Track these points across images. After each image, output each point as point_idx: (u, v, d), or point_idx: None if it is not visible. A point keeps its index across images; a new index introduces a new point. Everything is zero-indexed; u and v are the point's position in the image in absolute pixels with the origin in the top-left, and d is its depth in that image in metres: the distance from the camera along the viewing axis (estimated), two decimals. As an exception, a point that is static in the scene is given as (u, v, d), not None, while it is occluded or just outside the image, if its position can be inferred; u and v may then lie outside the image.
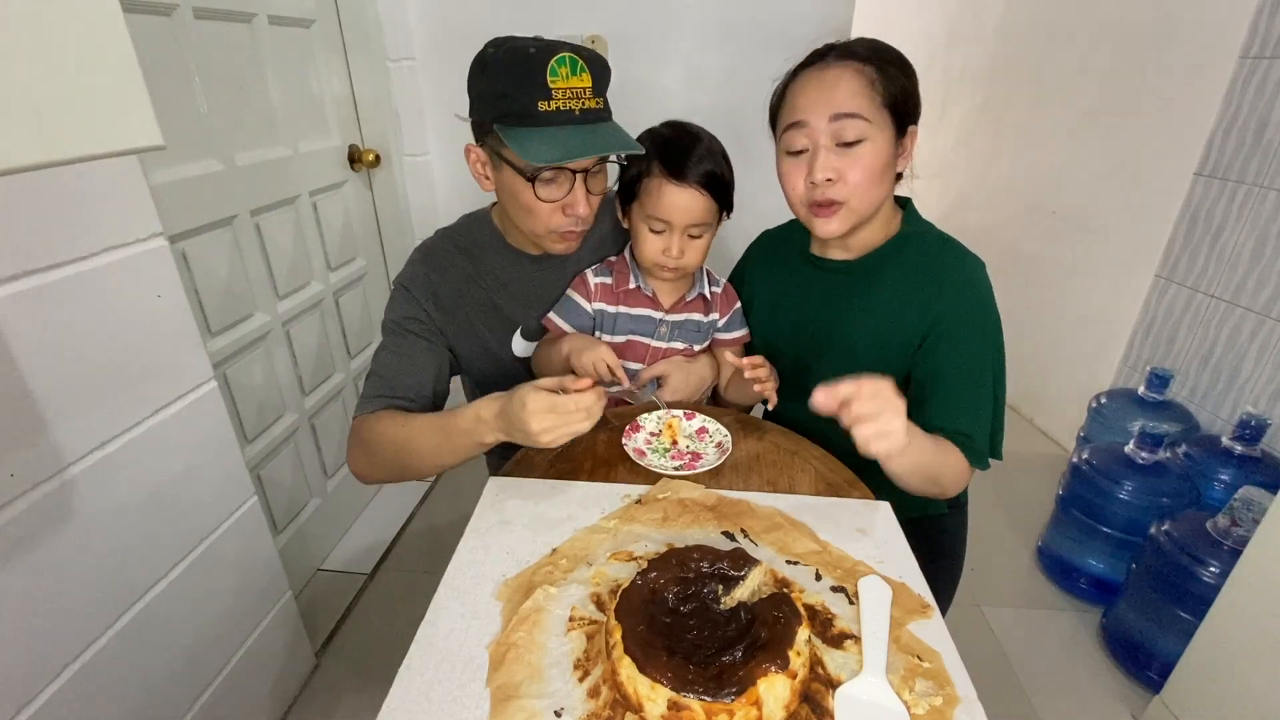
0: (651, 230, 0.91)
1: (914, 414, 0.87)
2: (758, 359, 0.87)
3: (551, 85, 0.77)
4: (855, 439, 0.67)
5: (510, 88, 0.77)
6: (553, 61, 0.76)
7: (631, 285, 0.97)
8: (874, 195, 0.83)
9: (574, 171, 0.82)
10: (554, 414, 0.71)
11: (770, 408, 0.92)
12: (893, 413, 0.67)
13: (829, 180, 0.81)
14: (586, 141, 0.79)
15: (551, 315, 0.97)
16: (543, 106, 0.77)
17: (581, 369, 0.87)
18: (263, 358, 1.39)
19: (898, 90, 0.80)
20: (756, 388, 0.87)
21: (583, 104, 0.79)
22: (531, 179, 0.81)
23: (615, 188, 0.97)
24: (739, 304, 1.04)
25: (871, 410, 0.66)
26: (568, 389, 0.74)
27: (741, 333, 1.03)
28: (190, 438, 1.00)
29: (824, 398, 0.67)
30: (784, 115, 0.85)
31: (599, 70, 0.81)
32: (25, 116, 0.37)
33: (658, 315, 0.98)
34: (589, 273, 0.98)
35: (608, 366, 0.87)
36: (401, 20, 1.64)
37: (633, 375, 0.98)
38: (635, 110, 0.86)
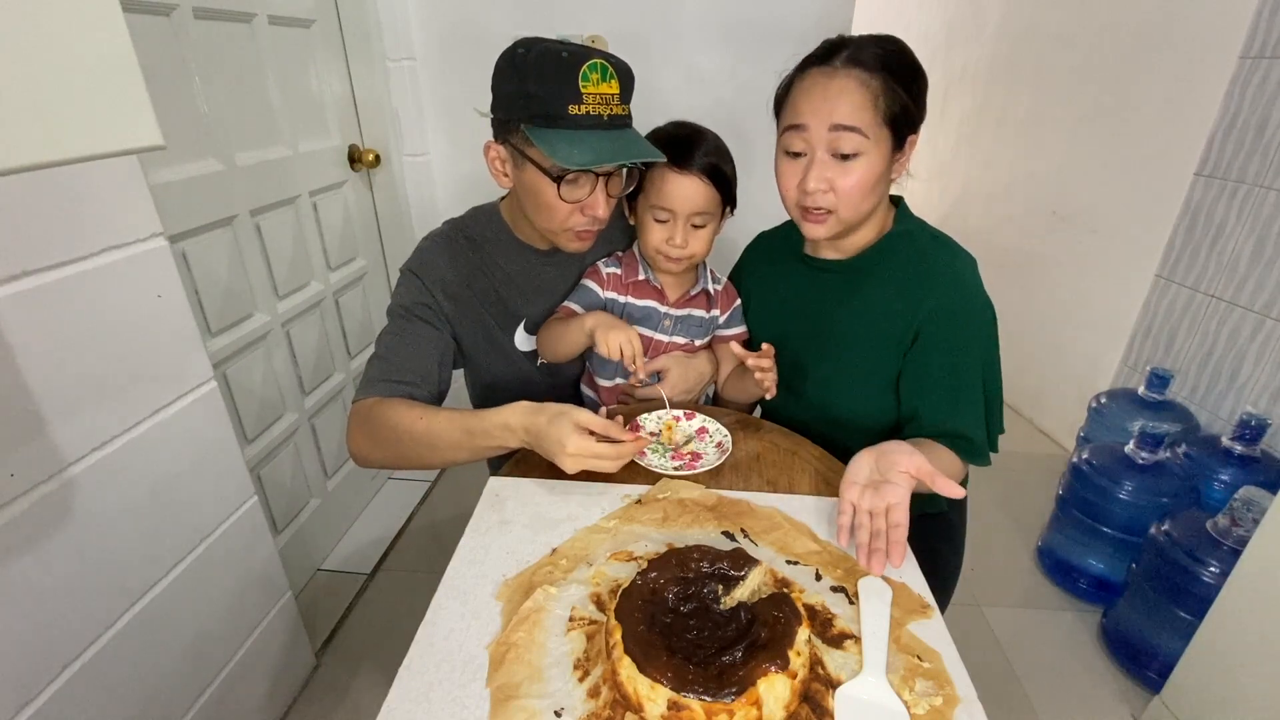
0: (656, 220, 0.92)
1: (908, 416, 0.88)
2: (764, 349, 0.87)
3: (583, 90, 0.78)
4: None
5: (541, 90, 0.78)
6: (585, 67, 0.77)
7: (639, 277, 0.98)
8: (864, 206, 0.84)
9: (597, 175, 0.84)
10: (590, 458, 0.73)
11: (768, 398, 0.92)
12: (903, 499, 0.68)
13: (821, 190, 0.82)
14: (615, 147, 0.80)
15: (569, 304, 0.98)
16: (573, 110, 0.78)
17: (607, 347, 0.87)
18: (263, 358, 1.39)
19: (900, 107, 0.80)
20: (758, 375, 0.88)
21: (610, 110, 0.81)
22: (557, 179, 0.82)
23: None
24: (739, 301, 1.05)
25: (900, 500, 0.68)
26: (611, 435, 0.75)
27: (740, 329, 1.04)
28: (190, 438, 1.00)
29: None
30: (786, 113, 0.85)
31: (626, 78, 0.83)
32: (25, 116, 0.37)
33: (662, 309, 0.99)
34: (600, 264, 0.99)
35: (633, 351, 0.87)
36: (401, 20, 1.64)
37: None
38: (635, 110, 0.86)
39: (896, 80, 0.79)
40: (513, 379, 1.02)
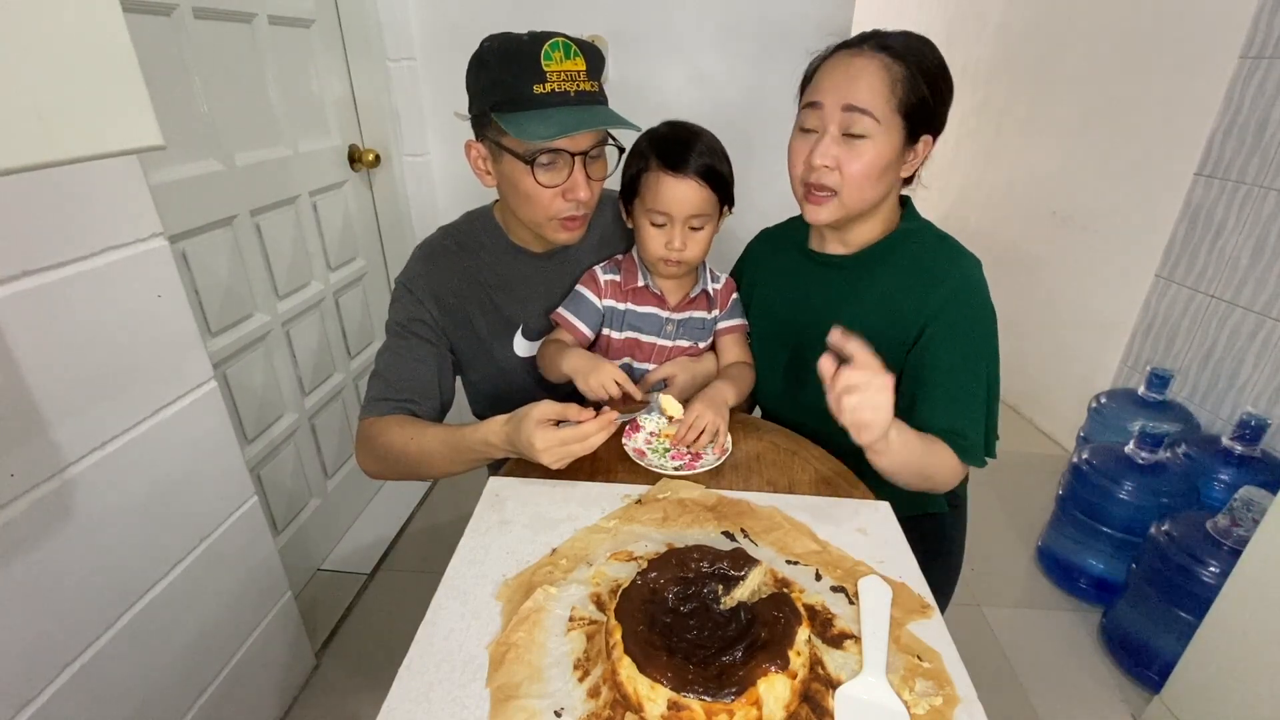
0: (653, 224, 0.91)
1: (907, 412, 0.88)
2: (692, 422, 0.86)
3: (546, 69, 0.78)
4: (840, 409, 0.68)
5: (506, 75, 0.78)
6: (546, 46, 0.78)
7: (639, 283, 0.97)
8: (867, 193, 0.84)
9: (572, 155, 0.83)
10: (560, 448, 0.74)
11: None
12: (880, 390, 0.68)
13: (826, 167, 0.82)
14: (581, 119, 0.80)
15: (562, 310, 0.97)
16: (538, 89, 0.78)
17: (591, 393, 0.86)
18: (263, 358, 1.39)
19: (916, 99, 0.80)
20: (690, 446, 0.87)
21: (577, 86, 0.80)
22: (530, 162, 0.82)
23: (618, 189, 0.97)
24: (736, 294, 1.04)
25: (861, 380, 0.67)
26: (570, 419, 0.76)
27: (739, 321, 1.03)
28: (190, 438, 1.00)
29: (838, 338, 0.69)
30: (807, 91, 0.85)
31: (592, 55, 0.82)
32: (25, 116, 0.37)
33: (664, 314, 0.98)
34: (597, 269, 0.98)
35: (617, 384, 0.86)
36: (401, 20, 1.64)
37: (641, 376, 0.98)
38: (635, 110, 0.86)
39: (920, 74, 0.79)
40: (510, 387, 1.01)
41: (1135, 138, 1.98)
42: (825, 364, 0.69)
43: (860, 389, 0.67)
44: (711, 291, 1.00)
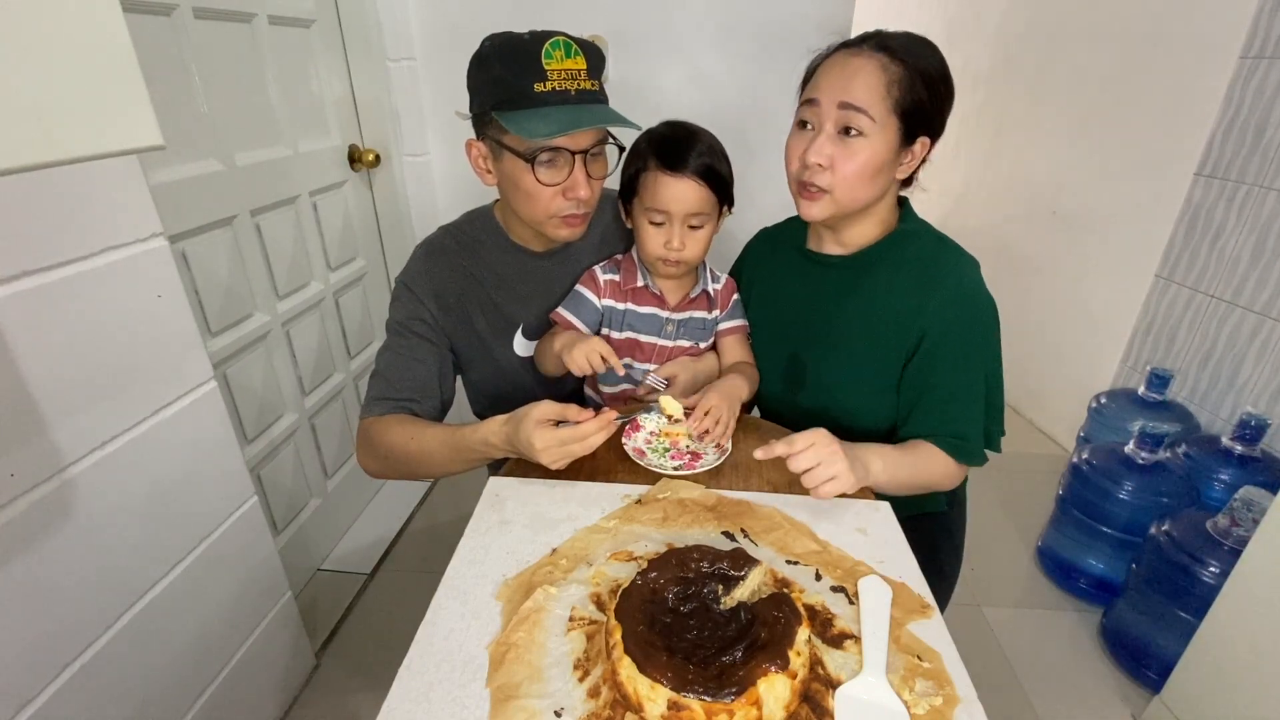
0: (652, 223, 0.91)
1: (907, 415, 0.88)
2: (708, 411, 0.86)
3: (546, 67, 0.78)
4: (807, 487, 0.74)
5: (506, 73, 0.79)
6: (546, 45, 0.78)
7: (639, 283, 0.97)
8: (860, 192, 0.84)
9: (573, 153, 0.83)
10: (560, 448, 0.75)
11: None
12: (830, 460, 0.73)
13: (820, 166, 0.82)
14: (582, 117, 0.80)
15: (561, 310, 0.97)
16: (538, 88, 0.78)
17: (575, 366, 0.87)
18: (263, 358, 1.39)
19: (912, 101, 0.80)
20: (704, 440, 0.88)
21: (578, 84, 0.81)
22: (531, 160, 0.82)
23: (618, 188, 0.98)
24: (737, 295, 1.04)
25: (809, 464, 0.73)
26: (570, 419, 0.76)
27: (740, 322, 1.03)
28: (190, 438, 1.00)
29: (763, 454, 0.75)
30: (806, 88, 0.86)
31: (592, 54, 0.82)
32: (25, 116, 0.37)
33: (664, 314, 0.98)
34: (597, 269, 0.98)
35: (601, 358, 0.87)
36: (401, 20, 1.64)
37: (642, 375, 0.98)
38: (635, 110, 0.86)
39: (919, 76, 0.80)
40: (511, 386, 1.01)
41: (1135, 138, 1.98)
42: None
43: (813, 469, 0.73)
44: (712, 292, 1.00)
